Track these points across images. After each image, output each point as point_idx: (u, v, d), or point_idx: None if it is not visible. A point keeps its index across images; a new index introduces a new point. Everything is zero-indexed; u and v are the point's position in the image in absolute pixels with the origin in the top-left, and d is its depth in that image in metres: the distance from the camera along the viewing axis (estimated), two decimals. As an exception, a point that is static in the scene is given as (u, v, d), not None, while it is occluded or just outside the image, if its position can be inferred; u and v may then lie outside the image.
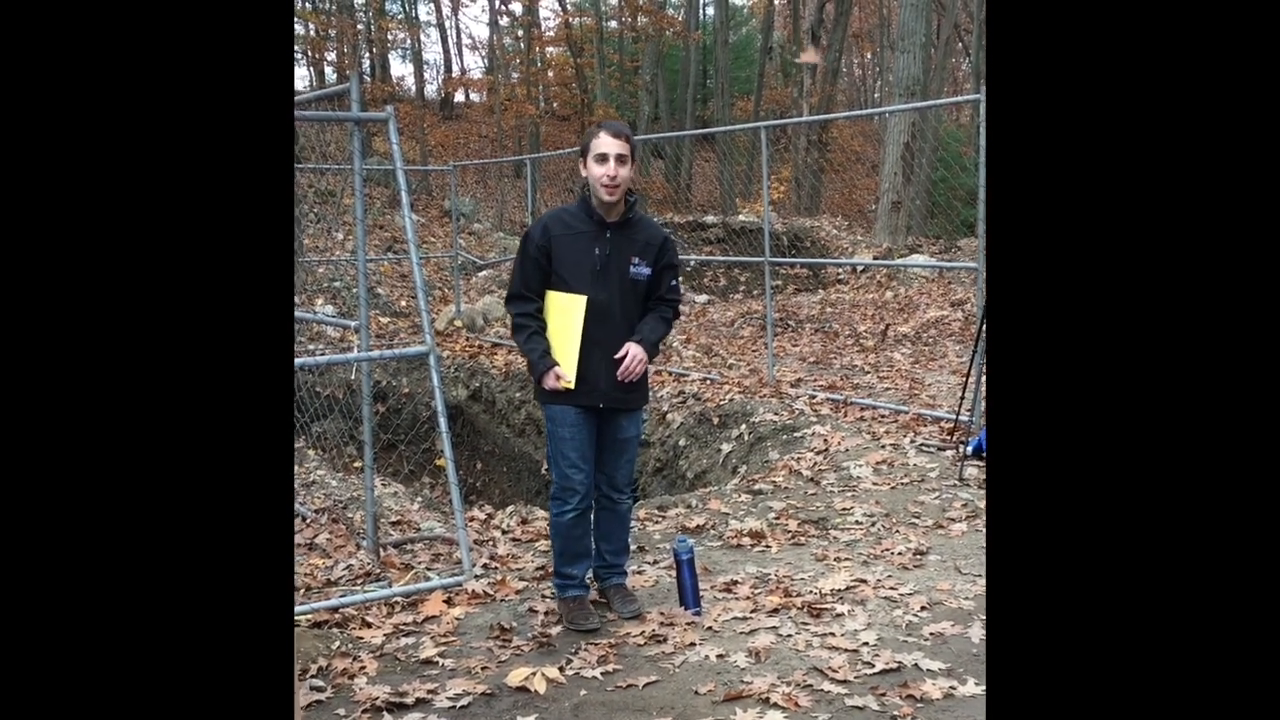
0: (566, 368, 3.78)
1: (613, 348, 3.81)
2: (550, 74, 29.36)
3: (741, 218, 17.51)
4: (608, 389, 3.82)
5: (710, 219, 17.56)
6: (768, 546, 4.80)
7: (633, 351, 3.79)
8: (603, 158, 3.74)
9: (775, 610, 3.96)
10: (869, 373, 8.89)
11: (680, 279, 4.02)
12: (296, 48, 26.90)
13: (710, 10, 29.04)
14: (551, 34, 28.77)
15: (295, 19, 26.20)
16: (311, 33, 27.15)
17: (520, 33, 28.74)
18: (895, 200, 15.40)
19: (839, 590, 4.13)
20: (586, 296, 3.78)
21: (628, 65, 28.60)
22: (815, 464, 6.22)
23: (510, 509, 5.95)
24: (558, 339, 3.82)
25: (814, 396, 7.79)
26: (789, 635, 3.71)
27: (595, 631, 3.83)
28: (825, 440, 6.63)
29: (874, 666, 3.43)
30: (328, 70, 28.84)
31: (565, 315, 3.80)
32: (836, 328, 11.40)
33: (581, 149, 3.85)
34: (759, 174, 10.28)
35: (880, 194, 16.23)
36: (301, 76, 28.66)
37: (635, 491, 7.60)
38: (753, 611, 3.96)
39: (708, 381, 8.62)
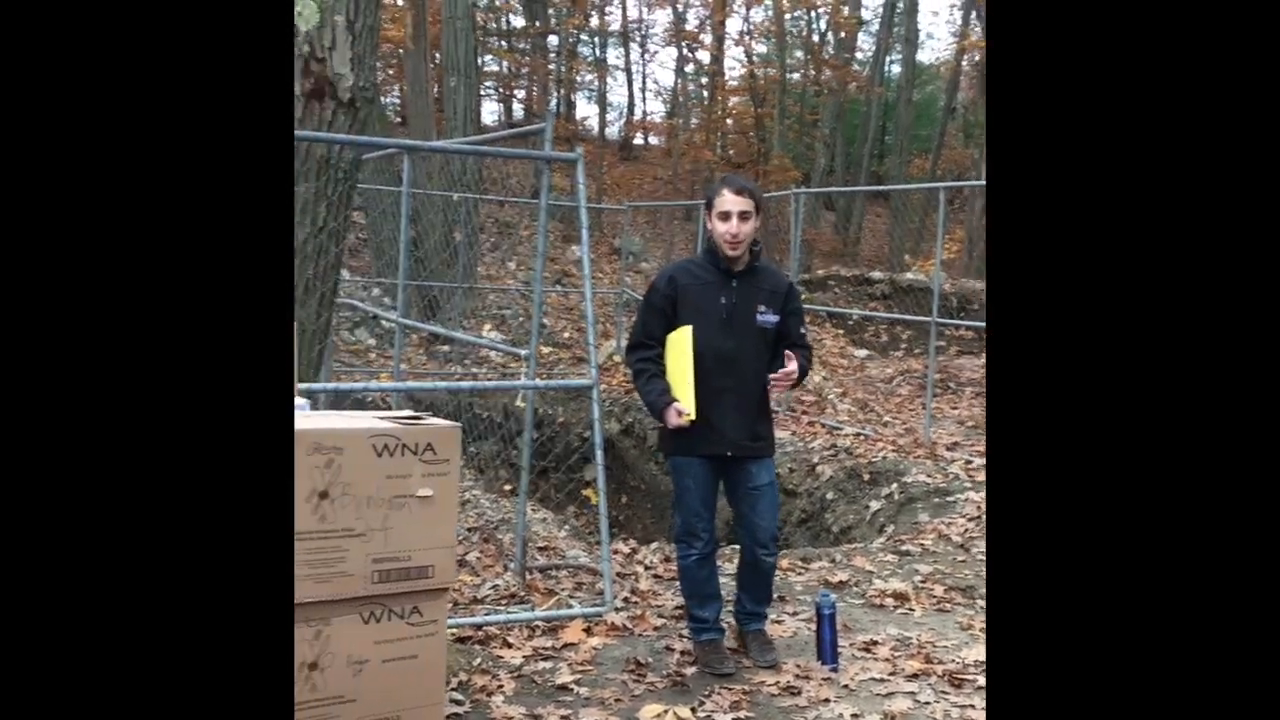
0: (685, 403, 3.80)
1: (741, 395, 3.82)
2: (730, 122, 29.64)
3: (909, 275, 17.26)
4: (735, 437, 3.83)
5: (877, 274, 17.37)
6: (911, 609, 4.71)
7: (792, 365, 3.80)
8: (725, 215, 3.79)
9: (915, 675, 3.88)
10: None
11: (805, 328, 4.02)
12: (490, 84, 27.99)
13: (896, 68, 28.87)
14: (735, 83, 29.08)
15: (490, 56, 27.31)
16: (504, 70, 28.24)
17: (704, 80, 29.17)
18: (1073, 269, 14.92)
19: (983, 662, 4.02)
20: (693, 326, 3.81)
21: (808, 117, 28.64)
22: (967, 530, 6.07)
23: (654, 545, 6.01)
24: (675, 375, 3.85)
25: (970, 461, 7.61)
26: (927, 703, 3.64)
27: (730, 676, 3.83)
28: (979, 507, 6.46)
29: (1013, 745, 3.32)
30: (516, 107, 29.90)
31: (677, 349, 3.84)
32: (1001, 395, 11.08)
33: (706, 202, 3.91)
34: (931, 232, 10.17)
35: (1058, 262, 15.73)
36: (491, 111, 29.78)
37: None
38: (891, 674, 3.89)
39: (861, 437, 8.51)
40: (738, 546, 4.22)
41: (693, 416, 3.78)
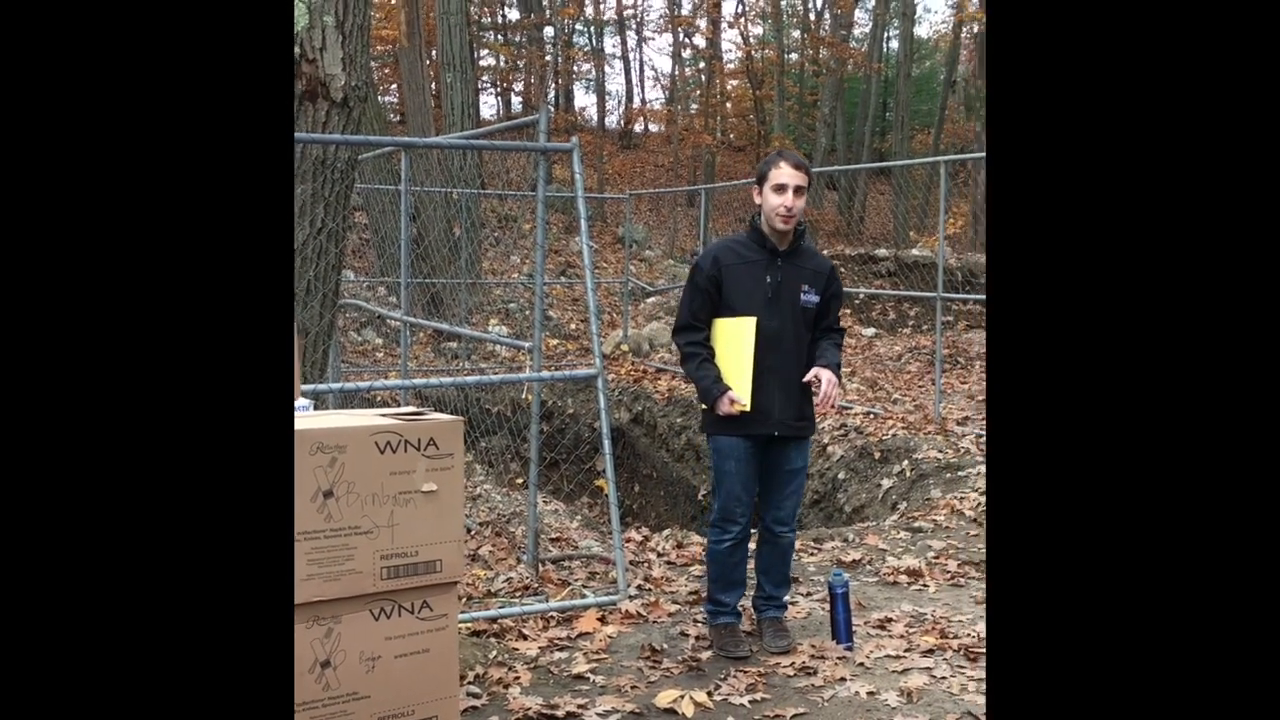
0: (740, 392, 3.80)
1: (786, 375, 3.82)
2: (729, 105, 29.58)
3: (915, 252, 17.22)
4: (782, 417, 3.83)
5: (882, 252, 17.33)
6: (925, 585, 4.72)
7: (827, 376, 3.79)
8: (781, 188, 3.77)
9: (930, 651, 3.89)
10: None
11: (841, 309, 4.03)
12: (486, 78, 27.97)
13: (894, 43, 28.77)
14: (733, 66, 29.01)
15: (488, 50, 27.27)
16: (501, 64, 28.20)
17: (702, 65, 29.10)
18: (1079, 239, 14.84)
19: (997, 636, 4.02)
20: (756, 318, 3.81)
21: (807, 98, 28.56)
22: (979, 504, 6.07)
23: (666, 532, 6.02)
24: (729, 364, 3.83)
25: (980, 436, 7.60)
26: (943, 677, 3.64)
27: (745, 659, 3.84)
28: (991, 482, 6.45)
29: (1030, 716, 3.33)
30: (515, 100, 29.88)
31: (735, 339, 3.83)
32: (1010, 368, 11.07)
33: (758, 177, 3.88)
34: (935, 208, 10.13)
35: (1063, 232, 15.65)
36: (490, 105, 29.76)
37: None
38: (906, 650, 3.90)
39: (871, 415, 8.51)
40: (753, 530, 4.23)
41: (747, 407, 3.78)
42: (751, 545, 4.07)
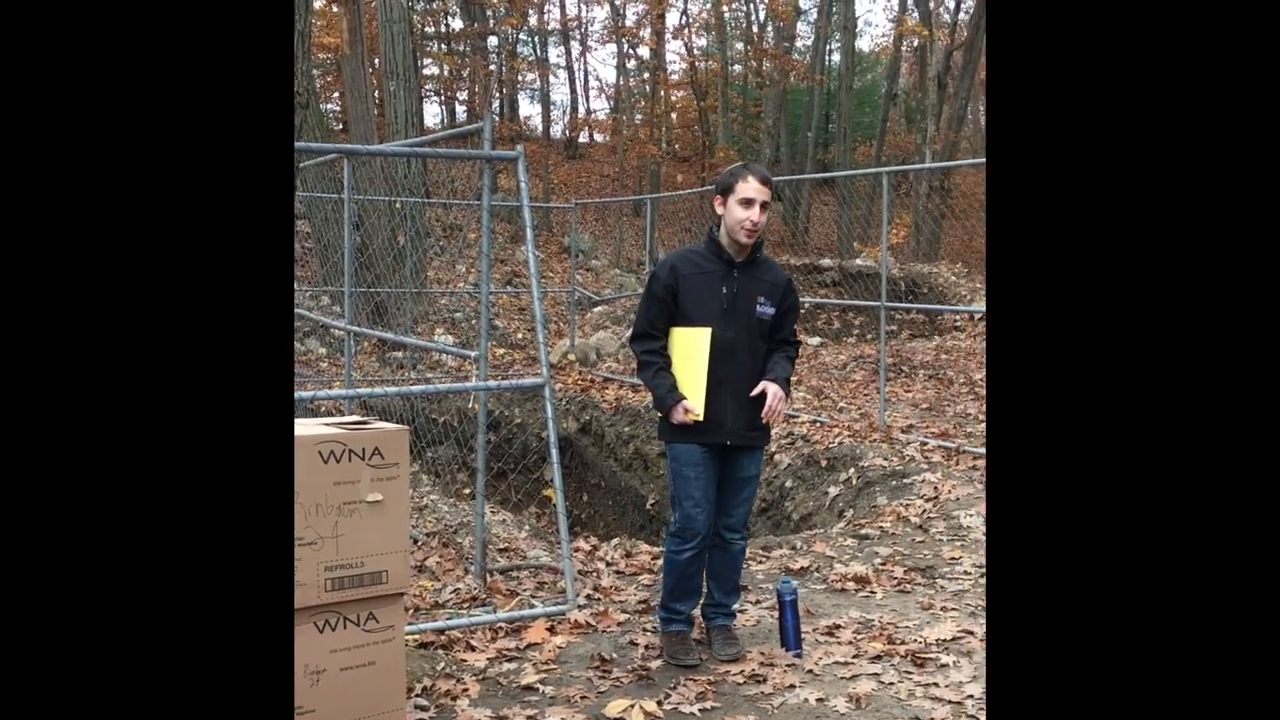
0: (694, 401, 3.80)
1: (740, 385, 3.83)
2: (674, 116, 29.70)
3: (859, 262, 17.39)
4: (735, 426, 3.83)
5: (826, 262, 17.49)
6: (872, 592, 4.74)
7: (773, 390, 3.80)
8: (748, 202, 3.77)
9: (878, 657, 3.91)
10: (983, 421, 8.71)
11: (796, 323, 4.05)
12: (430, 87, 27.81)
13: (836, 56, 29.08)
14: (677, 77, 29.14)
15: (431, 59, 27.12)
16: (445, 73, 28.05)
17: (646, 76, 29.19)
18: (1018, 248, 15.06)
19: (945, 640, 4.06)
20: (711, 329, 3.81)
21: (751, 109, 28.75)
22: (924, 511, 6.12)
23: (615, 541, 6.00)
24: (684, 373, 3.84)
25: (925, 443, 7.68)
26: (891, 683, 3.66)
27: (695, 668, 3.83)
28: (935, 488, 6.51)
29: (977, 720, 3.36)
30: (459, 109, 29.74)
31: (690, 349, 3.84)
32: (951, 375, 11.21)
33: (721, 188, 3.87)
34: (878, 219, 10.24)
35: (1003, 242, 15.88)
36: (434, 114, 29.61)
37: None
38: (854, 657, 3.91)
39: (817, 424, 8.56)
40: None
41: (700, 417, 3.78)
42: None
